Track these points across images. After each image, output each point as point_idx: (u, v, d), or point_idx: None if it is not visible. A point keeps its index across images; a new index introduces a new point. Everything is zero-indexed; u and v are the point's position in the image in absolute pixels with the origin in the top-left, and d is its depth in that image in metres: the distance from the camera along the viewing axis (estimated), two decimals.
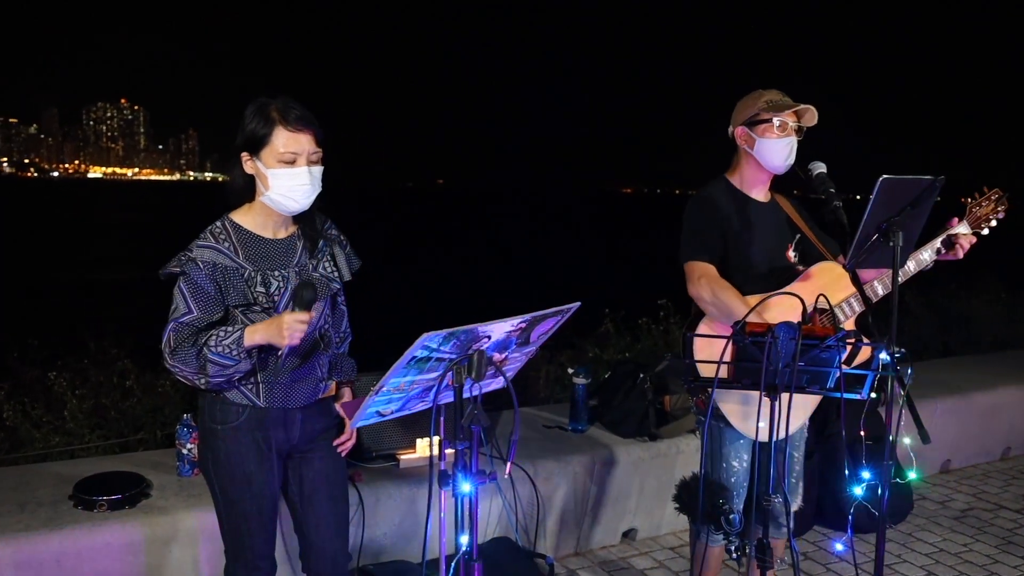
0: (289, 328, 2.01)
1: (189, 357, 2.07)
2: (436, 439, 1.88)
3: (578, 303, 1.96)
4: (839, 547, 3.45)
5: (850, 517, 2.38)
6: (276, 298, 2.17)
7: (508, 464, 1.76)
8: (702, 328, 2.58)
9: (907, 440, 2.75)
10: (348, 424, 2.37)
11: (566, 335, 6.45)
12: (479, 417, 1.65)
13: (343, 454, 2.42)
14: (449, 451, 3.41)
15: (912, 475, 3.60)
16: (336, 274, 2.31)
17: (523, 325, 1.84)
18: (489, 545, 3.34)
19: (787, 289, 2.47)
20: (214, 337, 2.07)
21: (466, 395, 1.86)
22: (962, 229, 2.71)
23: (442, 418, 1.83)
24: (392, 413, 1.87)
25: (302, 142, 2.11)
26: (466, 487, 1.65)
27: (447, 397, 1.81)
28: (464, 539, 1.63)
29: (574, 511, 3.67)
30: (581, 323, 6.57)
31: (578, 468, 3.63)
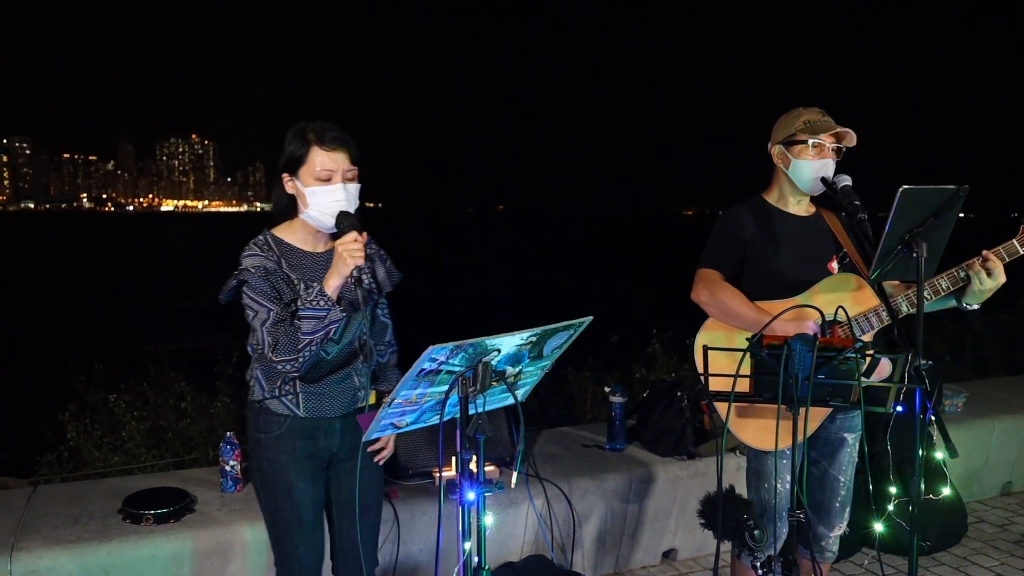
0: (346, 251, 2.09)
1: (290, 337, 2.10)
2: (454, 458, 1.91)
3: (590, 317, 1.99)
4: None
5: (877, 535, 2.32)
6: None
7: (514, 474, 1.79)
8: (701, 334, 2.63)
9: (938, 455, 2.67)
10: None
11: (613, 356, 6.44)
12: (483, 426, 1.69)
13: (379, 462, 2.49)
14: (490, 467, 3.49)
15: (946, 491, 3.45)
16: (375, 287, 2.38)
17: (533, 339, 1.88)
18: (523, 563, 3.35)
19: (800, 301, 2.46)
20: (299, 301, 2.15)
21: (490, 408, 1.90)
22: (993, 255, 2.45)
23: (458, 431, 1.87)
24: (408, 425, 1.92)
25: (337, 160, 2.21)
26: (471, 496, 1.69)
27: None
28: (467, 546, 1.66)
29: (611, 530, 3.66)
30: (628, 344, 6.54)
31: (614, 486, 3.62)
